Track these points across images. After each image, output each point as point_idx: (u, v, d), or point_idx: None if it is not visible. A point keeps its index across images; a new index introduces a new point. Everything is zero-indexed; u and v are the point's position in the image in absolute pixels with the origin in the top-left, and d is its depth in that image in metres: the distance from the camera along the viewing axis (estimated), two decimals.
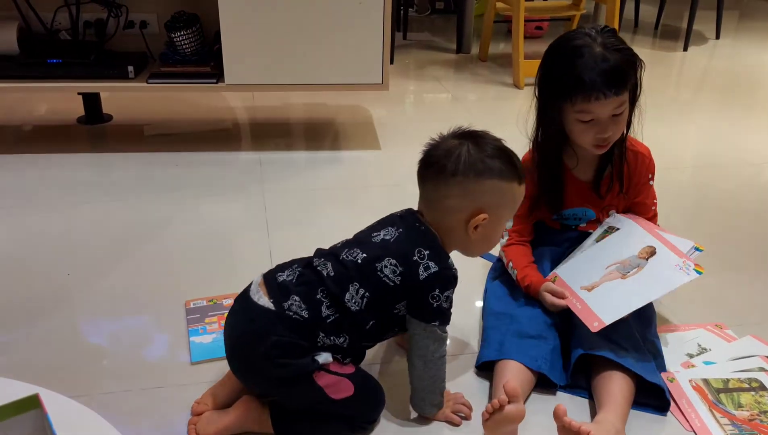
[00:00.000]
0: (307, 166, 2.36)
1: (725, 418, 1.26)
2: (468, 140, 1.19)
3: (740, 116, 2.90)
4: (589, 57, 1.31)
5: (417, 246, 1.17)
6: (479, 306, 1.58)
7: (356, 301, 1.15)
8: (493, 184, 1.17)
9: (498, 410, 1.10)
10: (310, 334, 1.14)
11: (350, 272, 1.16)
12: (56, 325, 1.50)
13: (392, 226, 1.22)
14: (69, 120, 2.62)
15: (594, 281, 1.36)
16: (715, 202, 2.16)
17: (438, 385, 1.23)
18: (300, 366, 1.13)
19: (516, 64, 3.18)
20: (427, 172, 1.20)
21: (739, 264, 1.80)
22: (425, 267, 1.16)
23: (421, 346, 1.19)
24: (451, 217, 1.19)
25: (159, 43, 2.41)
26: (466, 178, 1.16)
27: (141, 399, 1.30)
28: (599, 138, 1.37)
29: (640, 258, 1.36)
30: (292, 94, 2.95)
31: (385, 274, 1.16)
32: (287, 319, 1.13)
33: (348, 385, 1.17)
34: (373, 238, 1.21)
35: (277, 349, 1.12)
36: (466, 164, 1.16)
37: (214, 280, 1.65)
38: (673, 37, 4.18)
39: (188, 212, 2.00)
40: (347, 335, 1.17)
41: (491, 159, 1.17)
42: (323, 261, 1.19)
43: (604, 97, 1.31)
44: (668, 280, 1.31)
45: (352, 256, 1.18)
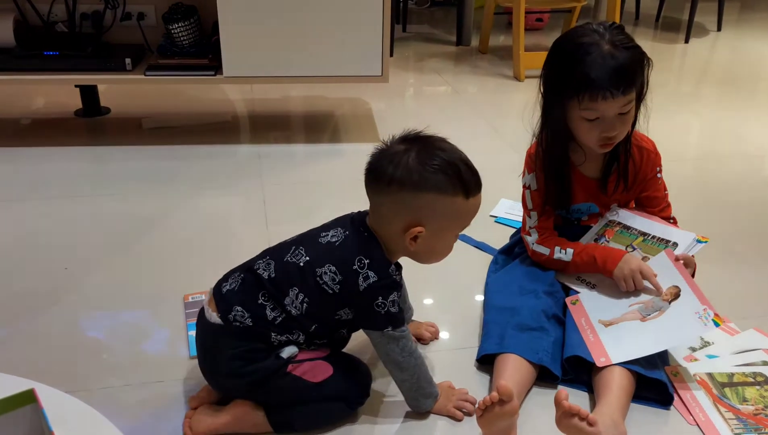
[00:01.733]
0: (306, 159, 2.34)
1: (730, 412, 1.25)
2: (414, 147, 1.12)
3: (742, 108, 2.89)
4: (597, 55, 1.29)
5: (358, 254, 1.14)
6: (480, 300, 1.57)
7: (296, 306, 1.14)
8: (429, 198, 1.10)
9: (490, 407, 1.09)
10: (262, 337, 1.14)
11: (291, 276, 1.15)
12: (54, 319, 1.49)
13: (342, 227, 1.19)
14: (66, 113, 2.60)
15: (614, 317, 1.34)
16: (718, 194, 2.15)
17: (422, 378, 1.21)
18: (266, 368, 1.14)
19: (516, 57, 3.16)
20: (368, 176, 1.16)
21: (743, 256, 1.79)
22: (364, 277, 1.13)
23: (386, 351, 1.17)
24: (388, 226, 1.15)
25: (157, 35, 2.39)
26: (401, 189, 1.10)
27: (140, 393, 1.29)
28: (604, 137, 1.35)
29: (663, 300, 1.33)
30: (291, 86, 2.93)
31: (324, 280, 1.14)
32: (235, 330, 1.14)
33: (325, 366, 1.17)
34: (321, 237, 1.18)
35: (236, 361, 1.14)
36: (404, 174, 1.10)
37: (212, 274, 1.61)
38: (674, 29, 4.16)
39: (187, 205, 1.98)
40: (300, 332, 1.16)
41: (433, 171, 1.10)
42: (267, 260, 1.18)
43: (611, 96, 1.29)
44: (685, 331, 1.28)
45: (295, 257, 1.16)
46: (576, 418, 1.08)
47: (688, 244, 1.41)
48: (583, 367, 1.31)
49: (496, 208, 1.95)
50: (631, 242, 1.45)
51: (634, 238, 1.46)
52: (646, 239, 1.45)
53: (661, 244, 1.43)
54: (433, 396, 1.23)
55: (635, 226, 1.47)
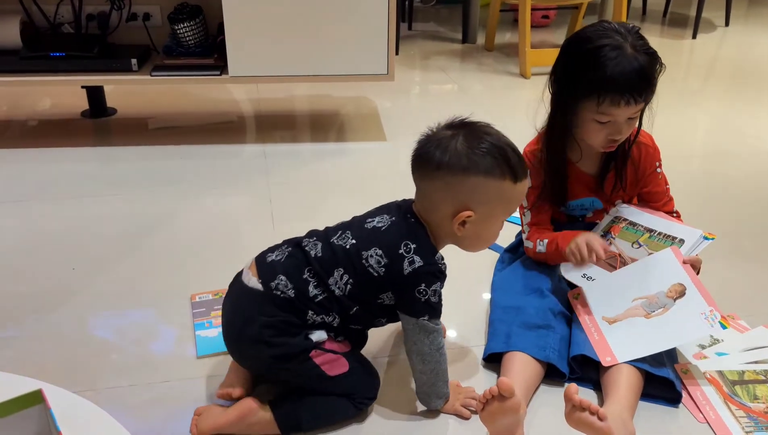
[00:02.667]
0: (312, 158, 2.34)
1: (740, 410, 1.24)
2: (461, 132, 1.14)
3: (750, 104, 2.87)
4: (623, 59, 1.27)
5: (404, 239, 1.15)
6: (486, 298, 1.56)
7: (340, 287, 1.15)
8: (478, 181, 1.11)
9: (490, 400, 1.08)
10: (299, 312, 1.15)
11: (337, 257, 1.16)
12: (61, 319, 1.49)
13: (387, 213, 1.20)
14: (73, 114, 2.61)
15: (617, 314, 1.32)
16: (726, 190, 2.13)
17: (440, 377, 1.21)
18: (294, 345, 1.14)
19: (522, 54, 3.15)
20: (416, 163, 1.17)
21: (752, 253, 1.78)
22: (410, 261, 1.14)
23: (414, 340, 1.18)
24: (437, 211, 1.16)
25: (162, 36, 2.39)
26: (450, 173, 1.12)
27: (147, 393, 1.29)
28: (611, 139, 1.35)
29: (668, 297, 1.31)
30: (296, 85, 2.93)
31: (370, 263, 1.15)
32: (275, 298, 1.14)
33: (343, 362, 1.18)
34: (366, 223, 1.19)
35: (268, 329, 1.14)
36: (454, 158, 1.11)
37: (219, 274, 1.62)
38: (681, 24, 4.14)
39: (193, 205, 1.99)
40: (336, 314, 1.17)
41: (481, 155, 1.11)
42: (314, 241, 1.20)
43: (634, 102, 1.28)
44: (691, 330, 1.26)
45: (342, 240, 1.18)
46: (586, 413, 1.07)
47: (694, 241, 1.40)
48: (591, 366, 1.30)
49: None
50: (637, 239, 1.44)
51: (641, 234, 1.45)
52: (653, 236, 1.44)
53: (668, 240, 1.42)
54: (445, 397, 1.23)
55: (641, 222, 1.46)
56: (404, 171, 1.21)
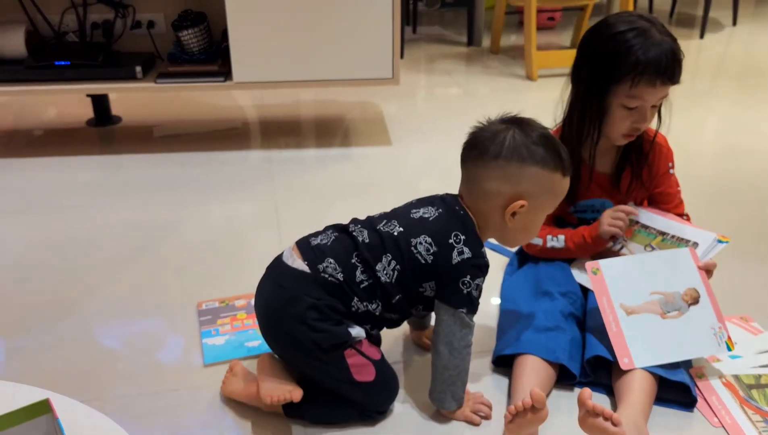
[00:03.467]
0: (317, 163, 2.33)
1: (757, 414, 1.22)
2: (514, 125, 1.17)
3: (760, 103, 2.85)
4: (654, 41, 1.28)
5: (454, 229, 1.16)
6: (495, 303, 1.54)
7: (387, 273, 1.16)
8: (535, 171, 1.14)
9: (522, 413, 1.07)
10: (345, 298, 1.15)
11: (385, 243, 1.17)
12: (68, 329, 1.48)
13: (432, 205, 1.21)
14: (78, 122, 2.61)
15: (635, 305, 1.30)
16: (737, 191, 2.11)
17: (461, 377, 1.20)
18: (335, 334, 1.14)
19: (528, 56, 3.13)
20: (470, 153, 1.19)
21: (764, 254, 1.75)
22: (459, 251, 1.15)
23: (447, 332, 1.17)
24: (490, 201, 1.17)
25: (166, 43, 2.39)
26: (508, 162, 1.14)
27: (154, 402, 1.28)
28: (635, 127, 1.35)
29: (683, 300, 1.30)
30: (301, 91, 2.93)
31: (419, 250, 1.16)
32: (323, 281, 1.14)
33: (372, 370, 1.18)
34: (412, 213, 1.20)
35: (313, 311, 1.13)
36: (510, 148, 1.14)
37: (226, 281, 1.63)
38: (688, 24, 4.12)
39: (199, 213, 1.98)
40: (380, 302, 1.17)
41: (536, 145, 1.14)
42: (360, 228, 1.20)
43: (669, 82, 1.30)
44: (700, 345, 1.27)
45: (388, 227, 1.18)
46: (600, 418, 1.06)
47: (708, 245, 1.38)
48: (603, 370, 1.29)
49: None
50: (650, 242, 1.43)
51: (653, 237, 1.43)
52: (666, 239, 1.42)
53: (681, 243, 1.40)
54: (459, 401, 1.22)
55: (654, 225, 1.45)
56: (410, 175, 1.21)
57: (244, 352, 1.38)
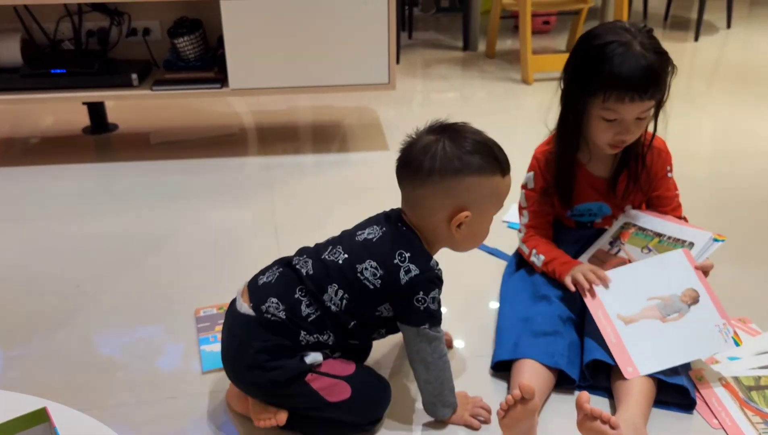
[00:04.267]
0: (315, 169, 2.33)
1: (757, 416, 1.22)
2: (444, 135, 1.14)
3: (755, 106, 2.85)
4: (630, 56, 1.26)
5: (398, 248, 1.14)
6: (494, 307, 1.54)
7: (335, 302, 1.14)
8: (472, 181, 1.12)
9: (513, 406, 1.06)
10: (291, 334, 1.14)
11: (330, 273, 1.15)
12: (65, 337, 1.48)
13: (377, 224, 1.19)
14: (75, 130, 2.61)
15: (633, 314, 1.29)
16: (734, 192, 2.11)
17: (446, 385, 1.19)
18: (290, 367, 1.12)
19: (524, 60, 3.14)
20: (404, 171, 1.16)
21: (761, 256, 1.76)
22: (406, 270, 1.13)
23: (417, 350, 1.16)
24: (433, 216, 1.15)
25: (162, 50, 2.39)
26: (443, 177, 1.11)
27: (153, 410, 1.27)
28: (618, 139, 1.34)
29: (682, 301, 1.29)
30: (298, 97, 2.93)
31: (366, 276, 1.14)
32: (266, 322, 1.13)
33: (344, 387, 1.15)
34: (357, 236, 1.19)
35: (262, 354, 1.13)
36: (443, 162, 1.11)
37: (224, 288, 1.62)
38: (683, 27, 4.13)
39: (196, 219, 1.98)
40: (331, 333, 1.16)
41: (469, 154, 1.12)
42: (304, 259, 1.19)
43: (639, 98, 1.27)
44: (706, 344, 1.24)
45: (333, 256, 1.17)
46: (598, 422, 1.05)
47: (704, 244, 1.38)
48: (602, 373, 1.28)
49: (509, 213, 1.92)
50: (646, 244, 1.43)
51: (650, 239, 1.43)
52: (662, 240, 1.42)
53: (677, 244, 1.40)
54: (452, 406, 1.21)
55: (650, 227, 1.45)
56: None
57: None
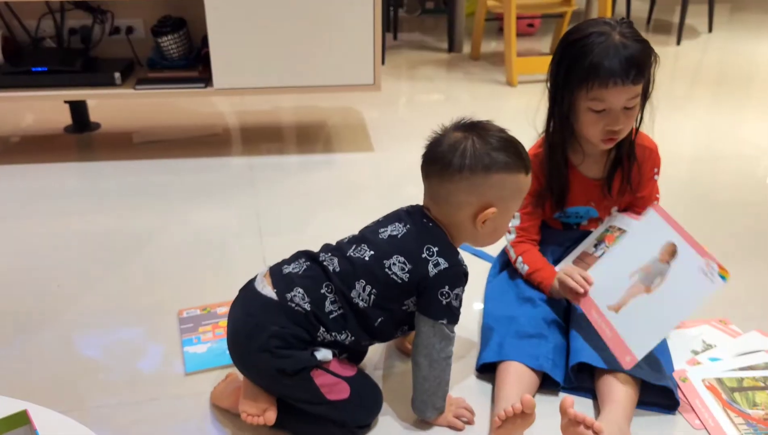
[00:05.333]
0: (299, 169, 2.32)
1: (740, 417, 1.23)
2: (472, 133, 1.16)
3: (736, 109, 2.89)
4: (609, 43, 1.29)
5: (425, 243, 1.15)
6: (478, 308, 1.55)
7: (363, 298, 1.15)
8: (500, 178, 1.14)
9: (511, 418, 1.07)
10: (311, 328, 1.13)
11: (357, 270, 1.15)
12: (47, 338, 1.46)
13: (399, 221, 1.20)
14: (56, 129, 2.58)
15: (620, 298, 1.28)
16: (715, 195, 2.14)
17: (442, 388, 1.20)
18: (299, 359, 1.12)
19: (509, 62, 3.15)
20: (432, 168, 1.17)
21: (742, 257, 1.78)
22: (435, 264, 1.14)
23: (427, 344, 1.17)
24: (459, 212, 1.17)
25: (146, 49, 2.37)
26: (473, 174, 1.13)
27: (135, 412, 1.26)
28: (609, 130, 1.34)
29: (662, 262, 1.28)
30: (282, 97, 2.92)
31: (394, 271, 1.15)
32: (289, 311, 1.13)
33: (344, 387, 1.15)
34: (380, 234, 1.19)
35: (276, 339, 1.11)
36: (473, 159, 1.13)
37: (207, 289, 1.62)
38: (665, 31, 4.17)
39: (179, 220, 1.96)
40: (350, 332, 1.15)
41: (497, 151, 1.14)
42: (330, 256, 1.19)
43: (621, 83, 1.28)
44: (694, 293, 1.22)
45: (359, 253, 1.17)
46: (581, 427, 1.06)
47: None
48: (586, 374, 1.29)
49: None
50: None
51: None
52: None
53: None
54: (440, 410, 1.22)
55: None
56: (392, 181, 1.20)
57: (226, 359, 1.37)
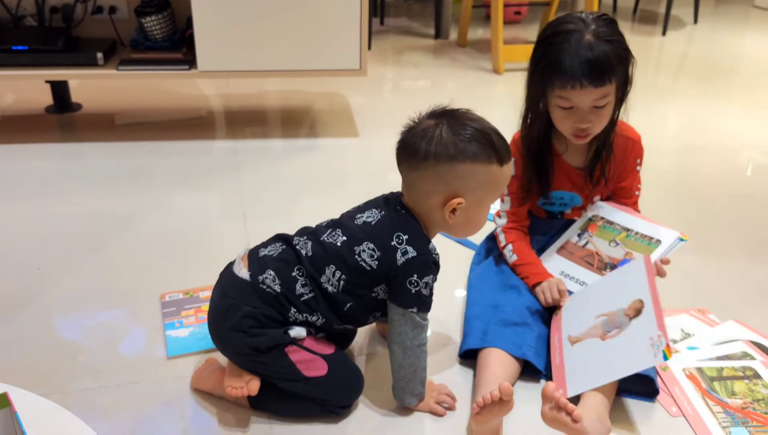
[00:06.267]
0: (284, 154, 2.31)
1: (718, 406, 1.25)
2: (444, 120, 1.14)
3: (719, 100, 2.91)
4: (575, 43, 1.28)
5: (396, 231, 1.15)
6: (462, 295, 1.55)
7: (333, 283, 1.16)
8: (466, 168, 1.12)
9: (489, 405, 1.08)
10: (282, 308, 1.16)
11: (328, 255, 1.16)
12: (27, 321, 1.45)
13: (376, 208, 1.20)
14: (37, 109, 2.54)
15: (580, 333, 1.28)
16: (695, 186, 2.16)
17: (418, 375, 1.20)
18: (272, 336, 1.15)
19: (495, 50, 3.15)
20: (402, 154, 1.17)
21: (721, 248, 1.80)
22: (403, 252, 1.14)
23: (399, 332, 1.17)
24: (427, 200, 1.16)
25: (129, 29, 2.34)
26: (438, 162, 1.12)
27: (117, 395, 1.26)
28: (577, 127, 1.35)
29: (626, 315, 1.25)
30: (267, 81, 2.90)
31: (363, 258, 1.15)
32: (261, 292, 1.15)
33: (322, 364, 1.17)
34: (356, 219, 1.19)
35: (249, 319, 1.15)
36: (439, 147, 1.11)
37: (190, 273, 1.61)
38: (651, 21, 4.19)
39: (162, 203, 1.95)
40: (320, 315, 1.17)
41: (467, 141, 1.11)
42: (304, 240, 1.20)
43: (580, 86, 1.28)
44: (634, 360, 1.18)
45: (332, 238, 1.18)
46: (562, 413, 1.07)
47: (671, 242, 1.40)
48: None
49: None
50: (614, 238, 1.45)
51: (617, 233, 1.45)
52: (630, 235, 1.44)
53: (644, 240, 1.42)
54: (419, 396, 1.22)
55: (619, 221, 1.47)
56: (377, 167, 1.20)
57: (208, 344, 1.36)
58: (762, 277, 1.67)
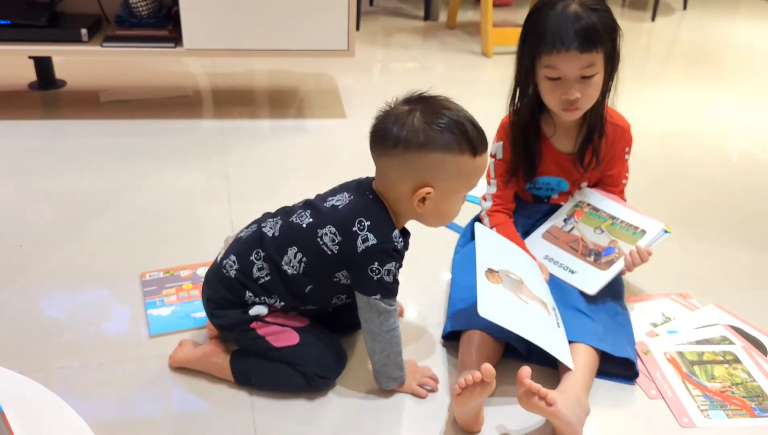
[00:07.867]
0: (271, 134, 2.30)
1: (697, 389, 1.27)
2: (419, 107, 1.11)
3: (707, 86, 2.92)
4: (561, 11, 1.30)
5: (359, 216, 1.13)
6: (446, 278, 1.56)
7: (293, 265, 1.17)
8: (436, 158, 1.09)
9: (471, 386, 1.08)
10: (236, 292, 1.19)
11: (294, 236, 1.17)
12: (8, 299, 1.44)
13: (347, 192, 1.19)
14: (20, 85, 2.51)
15: None
16: (681, 172, 2.17)
17: (392, 359, 1.20)
18: (231, 316, 1.20)
19: (484, 33, 3.14)
20: (374, 139, 1.15)
21: (704, 233, 1.81)
22: (363, 239, 1.13)
23: (365, 319, 1.17)
24: (396, 188, 1.14)
25: (114, 5, 2.31)
26: (407, 150, 1.09)
27: (98, 374, 1.25)
28: (565, 99, 1.34)
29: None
30: (255, 60, 2.87)
31: (324, 241, 1.15)
32: (221, 275, 1.21)
33: (292, 335, 1.19)
34: (326, 202, 1.19)
35: (211, 302, 1.22)
36: (410, 134, 1.09)
37: (172, 252, 1.60)
38: (641, 7, 4.18)
39: (146, 182, 1.93)
40: (279, 297, 1.19)
41: (439, 131, 1.09)
42: (276, 220, 1.21)
43: (565, 49, 1.28)
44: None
45: (300, 219, 1.18)
46: (536, 397, 1.08)
47: (656, 234, 1.41)
48: None
49: None
50: (599, 225, 1.45)
51: (603, 220, 1.46)
52: (615, 223, 1.45)
53: (630, 229, 1.43)
54: (398, 380, 1.22)
55: (604, 208, 1.47)
56: (364, 148, 1.19)
57: (190, 322, 1.37)
58: (743, 263, 1.69)
